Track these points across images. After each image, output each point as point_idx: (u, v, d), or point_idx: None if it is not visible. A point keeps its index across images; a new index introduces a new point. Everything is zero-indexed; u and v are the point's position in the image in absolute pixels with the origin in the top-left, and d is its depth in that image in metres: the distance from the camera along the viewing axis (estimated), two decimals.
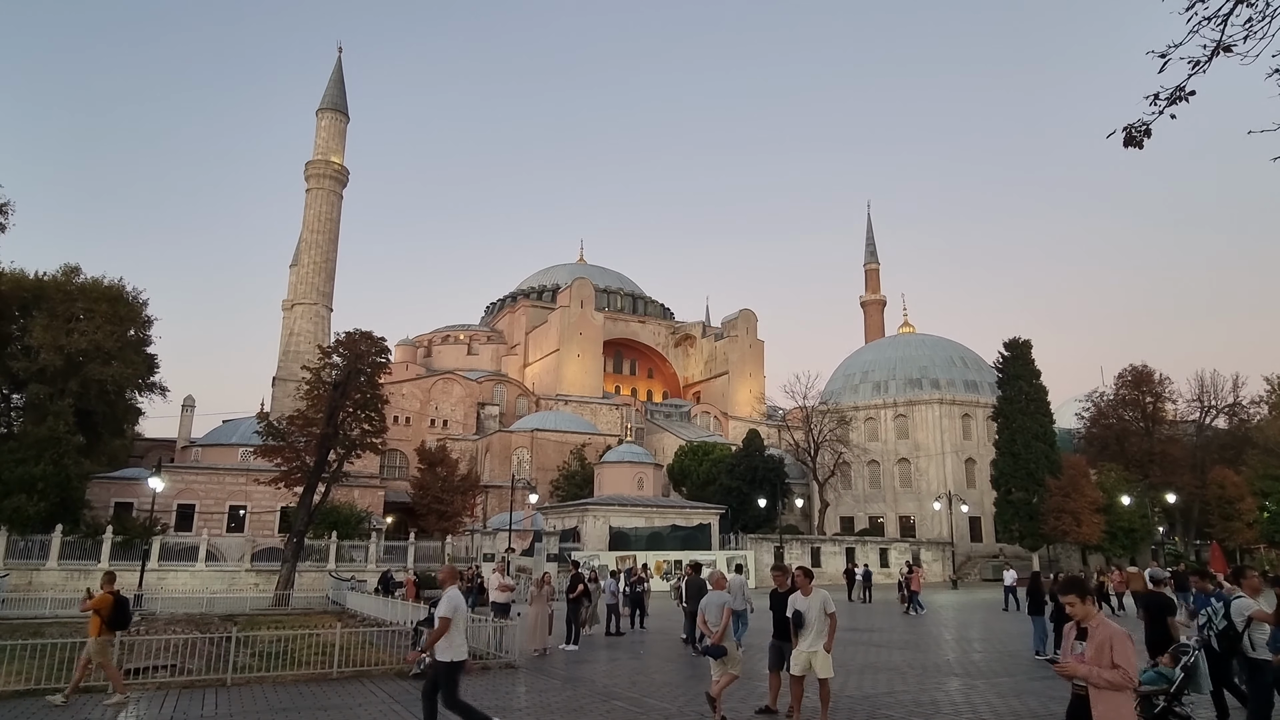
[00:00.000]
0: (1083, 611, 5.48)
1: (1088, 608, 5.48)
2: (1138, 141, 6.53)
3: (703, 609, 10.77)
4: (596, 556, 42.02)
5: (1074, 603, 5.50)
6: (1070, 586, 5.57)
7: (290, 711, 11.42)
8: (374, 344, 37.93)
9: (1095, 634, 5.36)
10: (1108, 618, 5.77)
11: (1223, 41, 6.17)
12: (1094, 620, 5.44)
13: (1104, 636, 5.28)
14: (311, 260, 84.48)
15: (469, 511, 53.94)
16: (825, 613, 9.70)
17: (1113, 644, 5.21)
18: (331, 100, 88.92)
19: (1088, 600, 5.49)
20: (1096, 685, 5.19)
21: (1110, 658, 5.18)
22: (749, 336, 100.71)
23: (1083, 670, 5.25)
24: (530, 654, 16.82)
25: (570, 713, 11.17)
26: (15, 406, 50.60)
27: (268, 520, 52.67)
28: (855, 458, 69.84)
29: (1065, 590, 5.60)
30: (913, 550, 56.77)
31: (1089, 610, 5.48)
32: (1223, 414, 66.92)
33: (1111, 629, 5.30)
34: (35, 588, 37.25)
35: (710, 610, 10.65)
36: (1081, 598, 5.47)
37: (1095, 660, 5.25)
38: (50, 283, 48.82)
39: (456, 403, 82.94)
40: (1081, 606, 5.47)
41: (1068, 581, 5.67)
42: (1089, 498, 52.33)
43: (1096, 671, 5.18)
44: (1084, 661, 5.30)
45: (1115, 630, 5.29)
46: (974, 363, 75.03)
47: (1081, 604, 5.47)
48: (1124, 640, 5.22)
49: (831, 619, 9.71)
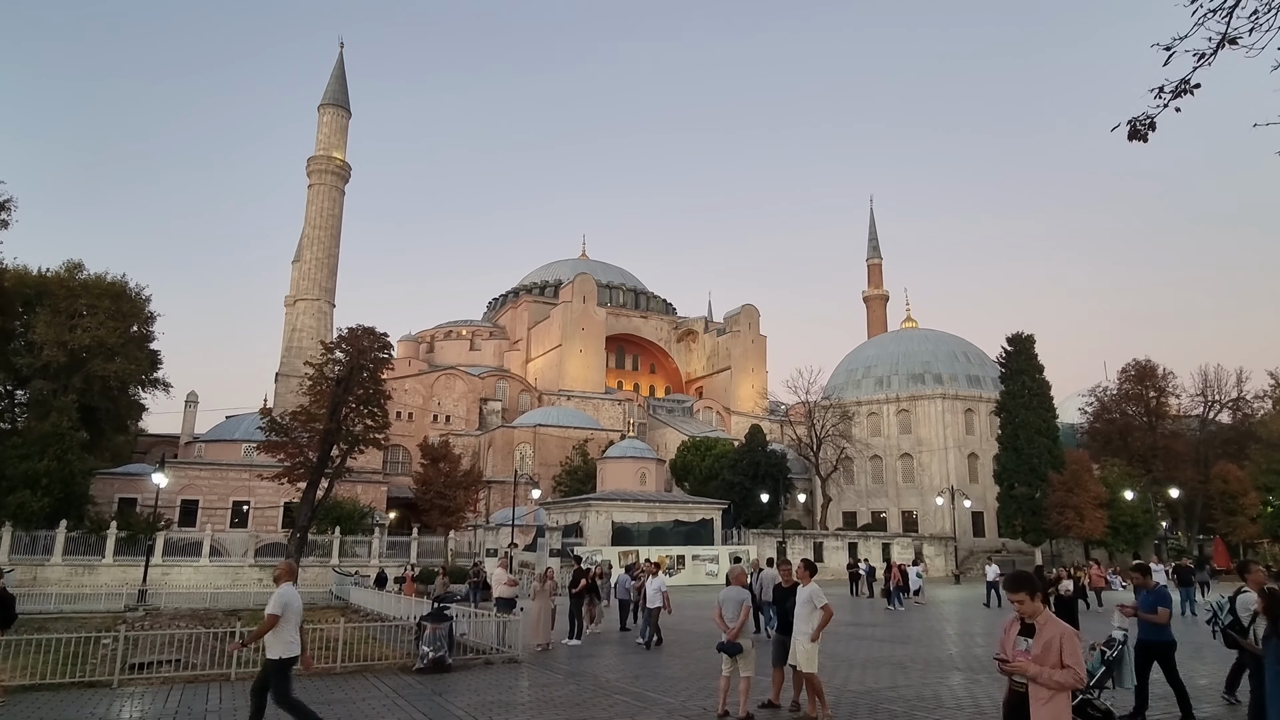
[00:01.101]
0: (1030, 609, 5.34)
1: (1036, 605, 5.35)
2: (1142, 135, 6.50)
3: (720, 604, 10.60)
4: (599, 552, 42.06)
5: (1023, 600, 5.34)
6: (1018, 583, 5.41)
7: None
8: (376, 339, 37.94)
9: (1043, 632, 5.25)
10: (1083, 613, 5.73)
11: (1228, 34, 6.13)
12: (1041, 617, 5.32)
13: (1052, 634, 5.17)
14: (314, 256, 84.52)
15: (472, 507, 54.03)
16: (815, 606, 9.74)
17: (1062, 642, 5.10)
18: (333, 96, 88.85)
19: (1036, 597, 5.36)
20: (1046, 685, 5.07)
21: (1059, 657, 5.07)
22: (751, 332, 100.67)
23: (1032, 669, 5.12)
24: (533, 649, 16.85)
25: (573, 707, 11.19)
26: (19, 403, 50.76)
27: (271, 516, 52.78)
28: (858, 453, 69.81)
29: (1012, 587, 5.43)
30: (915, 545, 56.82)
31: (1037, 607, 5.35)
32: (1226, 409, 66.75)
33: (1060, 627, 5.20)
34: (40, 583, 37.37)
35: (728, 605, 10.47)
36: (1030, 594, 5.34)
37: (1042, 659, 5.13)
38: (53, 279, 48.93)
39: (459, 398, 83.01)
40: (1030, 604, 5.34)
41: (1015, 578, 5.51)
42: (1092, 493, 52.28)
43: (1047, 672, 5.06)
44: (1029, 659, 5.18)
45: (1064, 628, 5.19)
46: (977, 358, 74.93)
47: (1030, 601, 5.34)
48: (1073, 638, 5.12)
49: (823, 611, 9.75)
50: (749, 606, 10.48)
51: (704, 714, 10.50)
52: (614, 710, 10.90)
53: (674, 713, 10.66)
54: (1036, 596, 5.38)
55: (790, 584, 10.87)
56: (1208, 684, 12.94)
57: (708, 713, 10.50)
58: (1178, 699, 9.90)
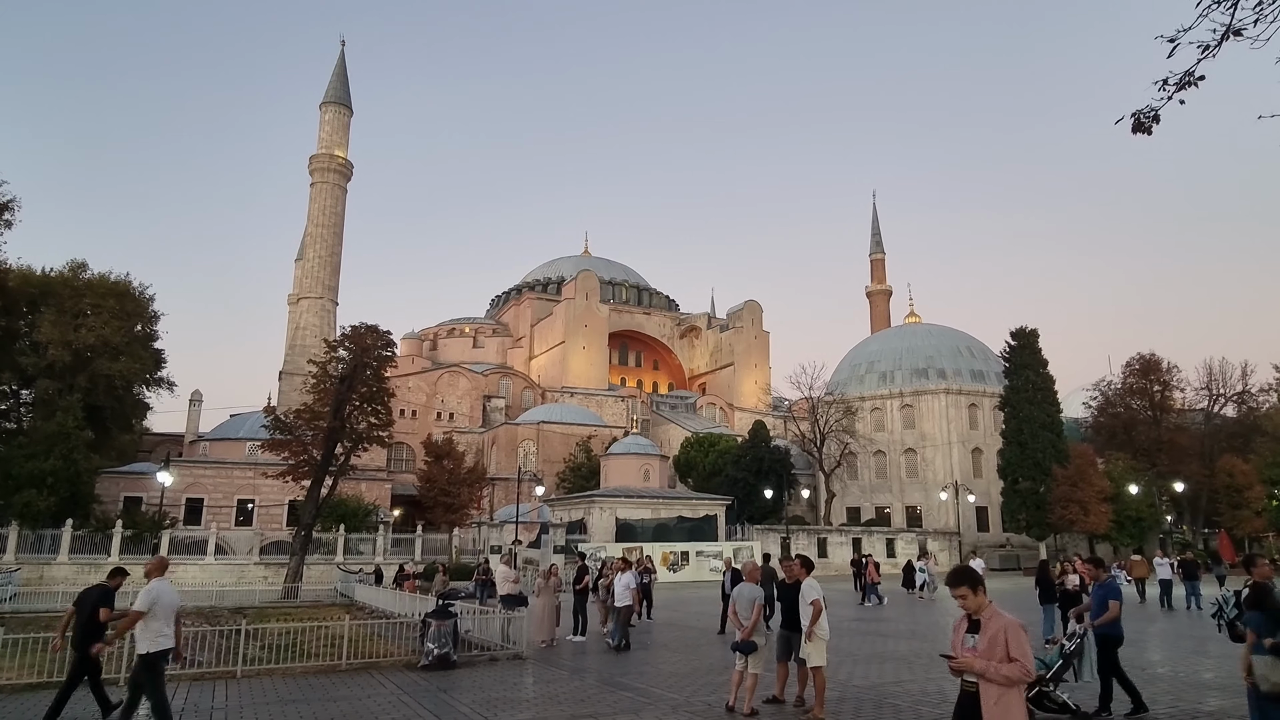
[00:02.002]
0: (975, 603, 5.21)
1: (979, 599, 5.21)
2: (1146, 128, 6.48)
3: (733, 601, 10.45)
4: (603, 548, 42.10)
5: (965, 595, 5.22)
6: (959, 578, 5.30)
7: (300, 703, 11.48)
8: (379, 337, 37.93)
9: (988, 626, 5.09)
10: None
11: (1233, 25, 6.10)
12: (986, 612, 5.17)
13: (997, 628, 5.02)
14: (316, 254, 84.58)
15: (475, 504, 54.04)
16: (807, 600, 9.79)
17: (1007, 635, 4.95)
18: (335, 94, 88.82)
19: (979, 591, 5.23)
20: (995, 681, 4.91)
21: (1005, 650, 4.92)
22: (754, 328, 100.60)
23: (979, 665, 4.98)
24: (538, 645, 16.89)
25: (577, 703, 11.21)
26: (24, 402, 50.94)
27: (276, 514, 52.91)
28: (861, 448, 69.74)
29: (953, 582, 5.31)
30: (920, 540, 56.78)
31: (981, 602, 5.21)
32: (1231, 402, 66.55)
33: (1004, 620, 5.05)
34: (47, 582, 37.50)
35: (741, 603, 10.36)
36: (972, 589, 5.21)
37: (988, 653, 4.98)
38: (57, 279, 49.05)
39: (462, 396, 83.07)
40: (973, 598, 5.21)
41: (955, 572, 5.39)
42: (1096, 487, 52.18)
43: (994, 666, 4.91)
44: (977, 655, 5.04)
45: (1008, 621, 5.04)
46: (980, 352, 74.79)
47: (973, 595, 5.21)
48: (1018, 631, 4.97)
49: (812, 606, 9.78)
50: (761, 604, 10.40)
51: (708, 709, 10.50)
52: (618, 706, 10.92)
53: (678, 709, 10.67)
54: (979, 591, 5.23)
55: (793, 580, 10.90)
56: (1212, 678, 12.90)
57: (712, 708, 10.51)
58: (1101, 692, 9.97)
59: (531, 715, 10.52)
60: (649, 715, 10.30)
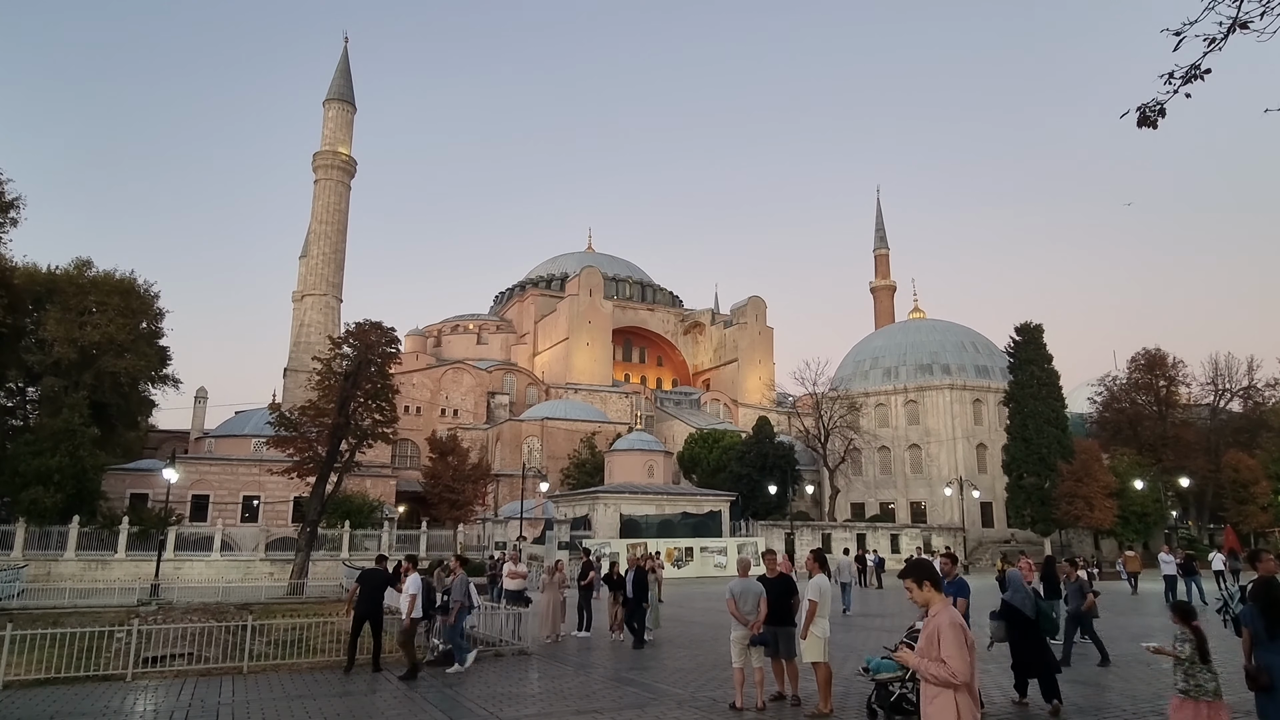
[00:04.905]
0: (922, 597, 5.05)
1: (926, 593, 5.04)
2: (1151, 121, 6.45)
3: (737, 596, 10.35)
4: (608, 544, 42.15)
5: (910, 588, 5.10)
6: (907, 570, 5.17)
7: (305, 699, 11.53)
8: (384, 334, 38.00)
9: (928, 623, 4.93)
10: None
11: (1239, 18, 6.07)
12: (935, 607, 4.99)
13: (934, 627, 4.82)
14: (320, 251, 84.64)
15: (480, 500, 54.12)
16: (806, 598, 9.87)
17: (940, 635, 4.75)
18: (338, 91, 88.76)
19: (925, 586, 5.05)
20: (925, 679, 4.77)
21: (938, 650, 4.73)
22: (758, 324, 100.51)
23: (912, 661, 4.87)
24: (543, 641, 16.93)
25: (582, 698, 11.24)
26: (30, 399, 51.11)
27: (281, 510, 53.09)
28: (866, 444, 69.69)
29: (902, 574, 5.19)
30: (924, 535, 56.73)
31: (929, 595, 5.04)
32: (1237, 397, 66.33)
33: (943, 619, 4.83)
34: (54, 578, 37.71)
35: (745, 599, 10.26)
36: (918, 583, 5.06)
37: (925, 651, 4.81)
38: (63, 276, 49.16)
39: (467, 392, 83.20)
40: (919, 593, 5.05)
41: (907, 565, 5.26)
42: (1101, 482, 52.04)
43: (925, 664, 4.74)
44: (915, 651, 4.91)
45: (946, 620, 4.81)
46: (985, 348, 74.61)
47: (919, 590, 5.06)
48: (952, 629, 4.74)
49: (809, 604, 9.84)
50: (765, 598, 10.33)
51: (713, 705, 10.52)
52: (623, 701, 10.94)
53: (684, 704, 10.69)
54: (925, 585, 5.05)
55: (775, 575, 10.80)
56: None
57: (717, 704, 10.52)
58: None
59: (537, 710, 10.55)
60: (654, 710, 10.32)
